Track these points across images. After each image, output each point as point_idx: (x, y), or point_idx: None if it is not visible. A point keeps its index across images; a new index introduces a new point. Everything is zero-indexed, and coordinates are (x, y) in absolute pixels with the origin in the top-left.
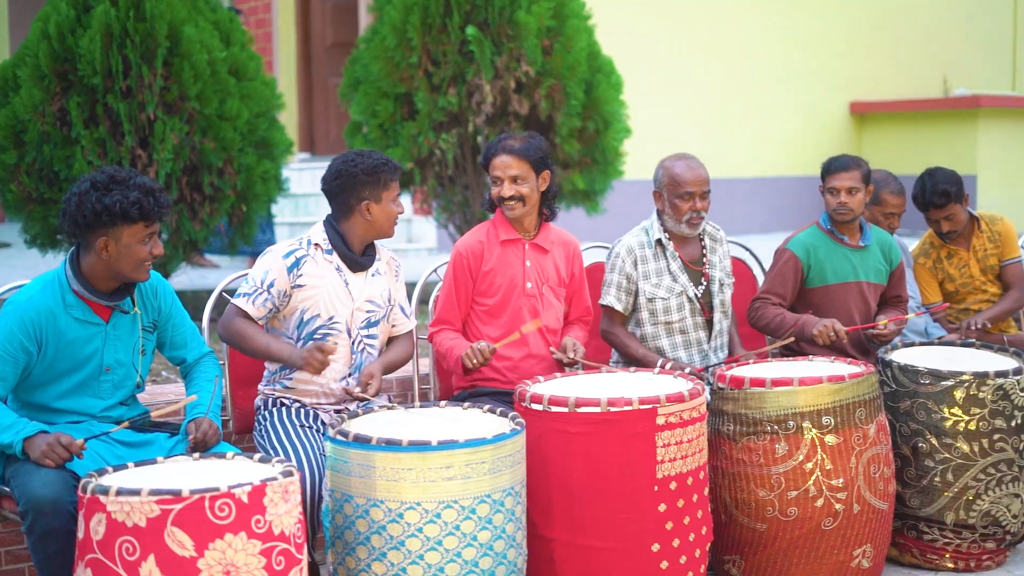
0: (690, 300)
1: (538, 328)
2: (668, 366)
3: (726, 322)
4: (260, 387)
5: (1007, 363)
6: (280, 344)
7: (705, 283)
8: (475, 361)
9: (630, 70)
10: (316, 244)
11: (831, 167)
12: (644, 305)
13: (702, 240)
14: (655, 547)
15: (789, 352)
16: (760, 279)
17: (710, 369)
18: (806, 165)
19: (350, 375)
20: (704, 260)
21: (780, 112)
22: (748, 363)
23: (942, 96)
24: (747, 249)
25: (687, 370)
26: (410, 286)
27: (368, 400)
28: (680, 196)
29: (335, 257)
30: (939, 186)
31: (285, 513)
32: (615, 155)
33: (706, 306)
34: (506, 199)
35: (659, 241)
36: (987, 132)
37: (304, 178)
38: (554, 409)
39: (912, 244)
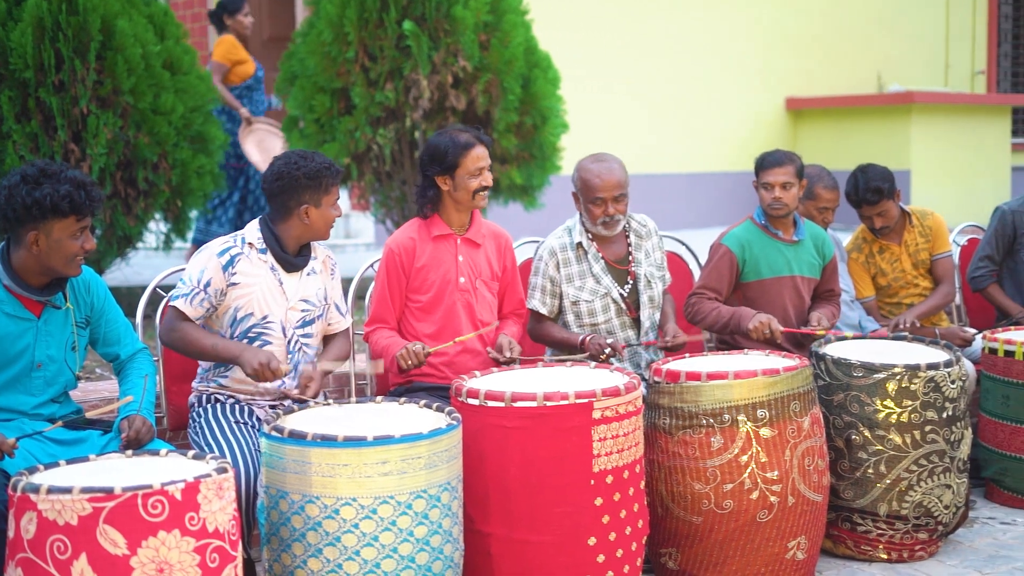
0: (614, 301)
1: (477, 335)
2: (589, 339)
3: (657, 315)
4: (194, 384)
5: (938, 356)
6: (228, 344)
7: (631, 281)
8: (409, 362)
9: (567, 65)
10: (250, 243)
11: (765, 162)
12: (569, 308)
13: (627, 237)
14: (591, 541)
15: (724, 345)
16: (696, 274)
17: (645, 368)
18: (743, 161)
19: (286, 375)
20: (629, 258)
21: (717, 108)
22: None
23: (876, 92)
24: (683, 244)
25: (609, 340)
26: (348, 281)
27: (306, 401)
28: (592, 202)
29: (269, 256)
30: (872, 183)
31: (219, 510)
32: (552, 150)
33: (632, 305)
34: (488, 188)
35: (579, 244)
36: (920, 128)
37: None
38: (490, 404)
39: (846, 239)
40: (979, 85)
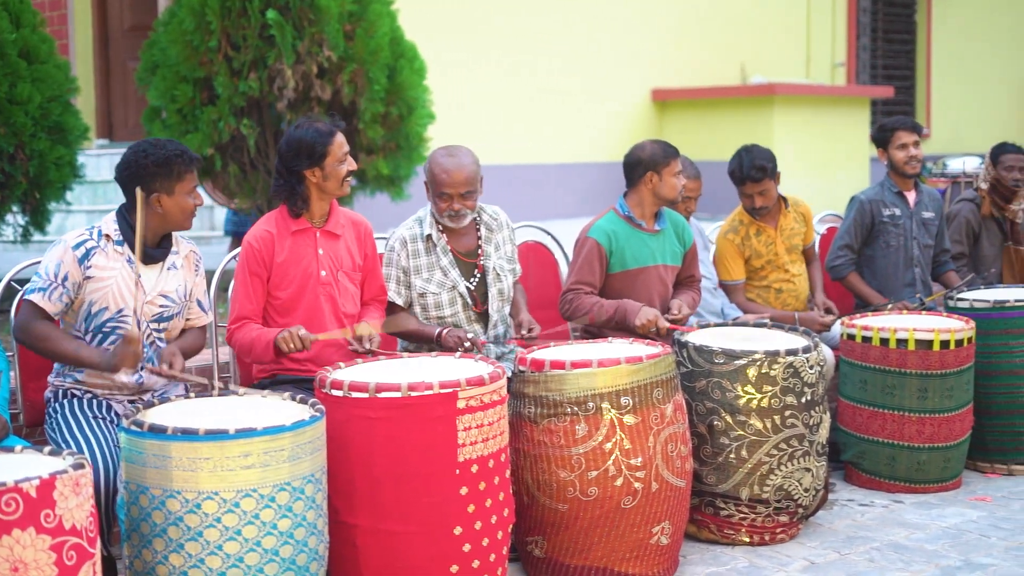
0: (461, 295)
1: (368, 335)
2: (446, 332)
3: (506, 308)
4: (50, 378)
5: (797, 342)
6: (89, 350)
7: (479, 275)
8: (291, 345)
9: (434, 55)
10: (106, 235)
11: (669, 153)
12: (416, 300)
13: (478, 230)
14: (457, 530)
15: (588, 335)
16: (562, 263)
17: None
18: (609, 151)
19: (141, 368)
20: (478, 251)
21: (584, 99)
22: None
23: (740, 84)
24: (549, 234)
25: (470, 335)
26: (211, 273)
27: (177, 379)
28: (439, 196)
29: (126, 249)
30: (757, 161)
31: (76, 507)
32: (419, 140)
33: (480, 298)
34: (353, 172)
35: (429, 236)
36: (783, 119)
37: (102, 164)
38: (355, 395)
39: (709, 228)
40: (839, 77)
